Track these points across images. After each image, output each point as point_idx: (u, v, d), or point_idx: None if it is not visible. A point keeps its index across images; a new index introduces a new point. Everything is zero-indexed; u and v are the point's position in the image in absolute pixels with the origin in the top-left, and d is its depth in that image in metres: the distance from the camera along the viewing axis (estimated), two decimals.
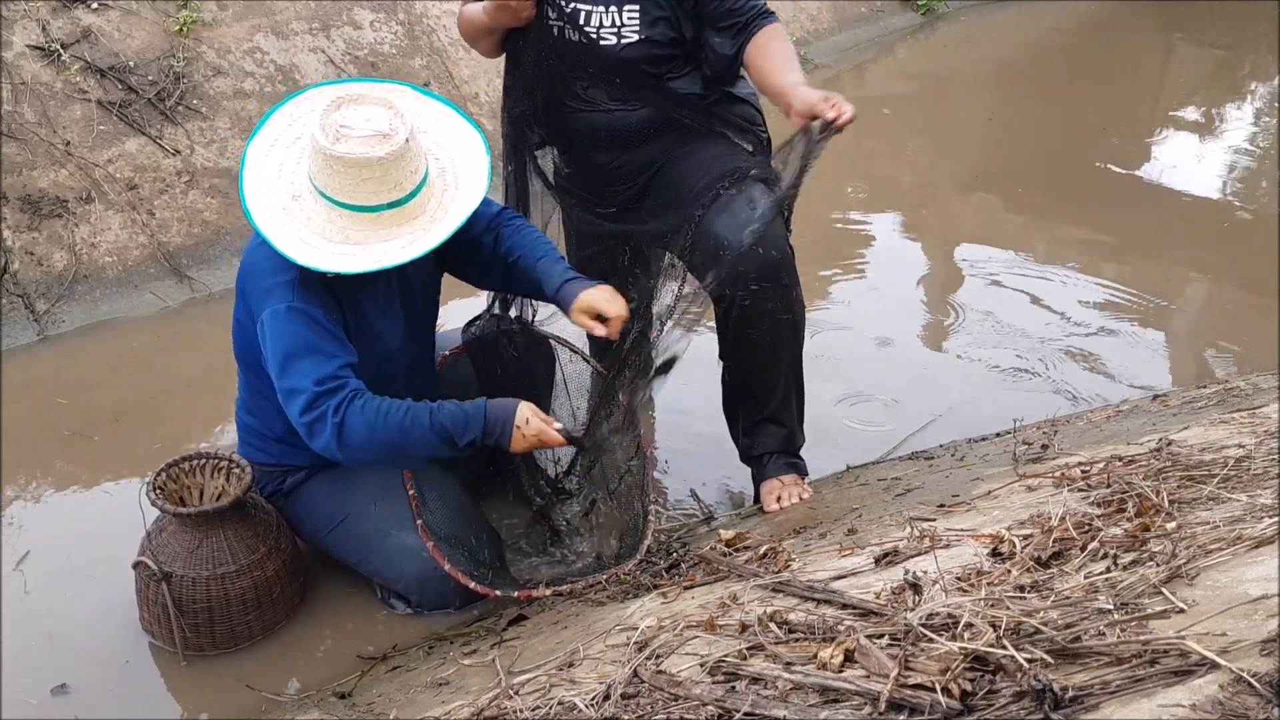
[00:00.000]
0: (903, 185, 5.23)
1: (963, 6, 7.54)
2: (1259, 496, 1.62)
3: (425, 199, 2.20)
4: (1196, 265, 4.41)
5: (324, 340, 2.19)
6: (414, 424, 2.19)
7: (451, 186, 2.25)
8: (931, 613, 1.35)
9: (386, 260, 2.14)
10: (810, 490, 2.64)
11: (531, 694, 1.64)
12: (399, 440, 2.18)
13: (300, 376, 2.16)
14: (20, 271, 3.64)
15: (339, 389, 2.17)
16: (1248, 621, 1.19)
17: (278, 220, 2.16)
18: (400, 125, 2.13)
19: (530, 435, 2.27)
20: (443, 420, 2.21)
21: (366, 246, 2.15)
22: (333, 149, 2.09)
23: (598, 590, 2.25)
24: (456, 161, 2.28)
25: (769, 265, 2.43)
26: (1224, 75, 7.15)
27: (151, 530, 2.40)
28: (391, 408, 2.19)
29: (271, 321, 2.19)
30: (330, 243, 2.14)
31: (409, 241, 2.17)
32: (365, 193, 2.12)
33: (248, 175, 2.20)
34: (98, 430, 3.18)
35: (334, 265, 2.13)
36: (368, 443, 2.16)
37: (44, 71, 4.01)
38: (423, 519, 2.34)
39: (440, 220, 2.20)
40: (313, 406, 2.15)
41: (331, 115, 2.12)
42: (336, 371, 2.18)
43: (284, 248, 2.12)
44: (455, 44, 5.14)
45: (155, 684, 2.35)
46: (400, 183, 2.14)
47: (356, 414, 2.15)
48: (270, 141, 2.25)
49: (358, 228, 2.15)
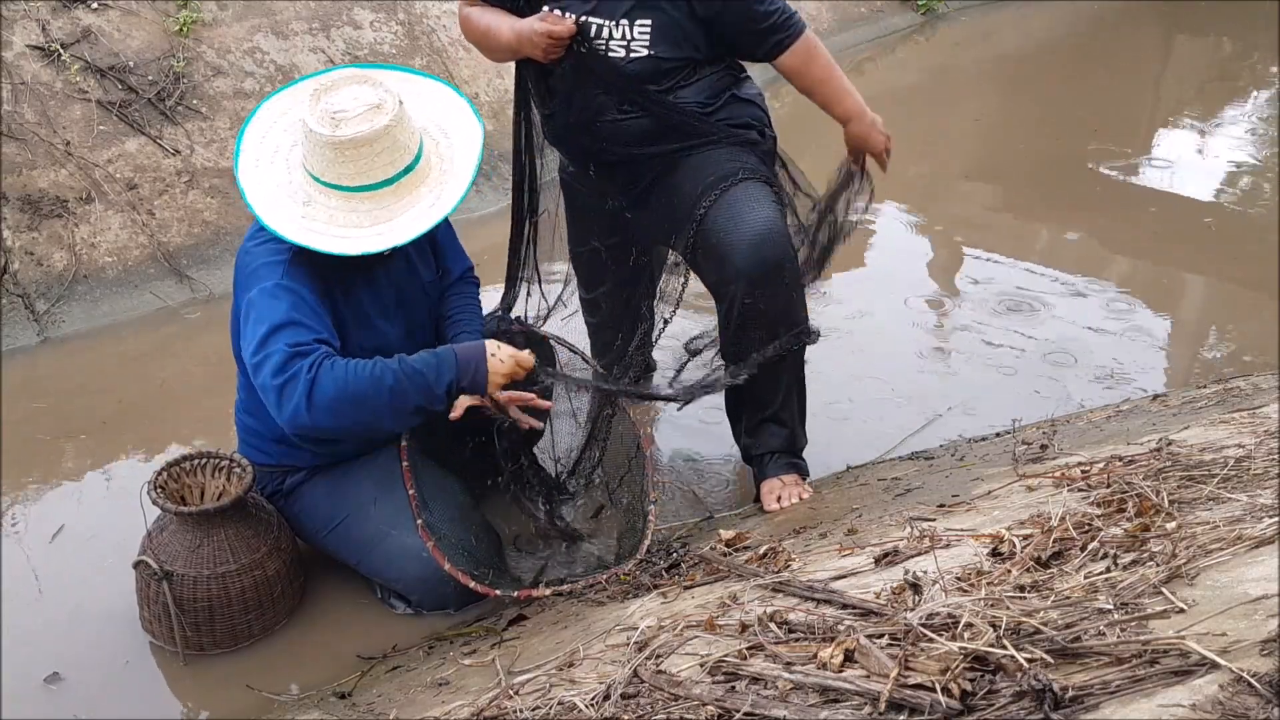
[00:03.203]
0: (901, 185, 5.22)
1: (963, 6, 7.54)
2: (1259, 496, 1.62)
3: (428, 158, 2.23)
4: (1197, 265, 4.42)
5: (305, 316, 2.17)
6: (384, 371, 2.15)
7: (442, 139, 2.27)
8: (931, 613, 1.35)
9: (425, 222, 2.17)
10: (810, 490, 2.64)
11: (531, 694, 1.64)
12: (370, 391, 2.13)
13: (274, 344, 2.13)
14: (20, 271, 3.64)
15: (311, 350, 2.13)
16: (1248, 621, 1.19)
17: (304, 229, 2.15)
18: (386, 94, 2.16)
19: (505, 359, 2.27)
20: (413, 364, 2.19)
21: (398, 219, 2.17)
22: (337, 135, 2.10)
23: (598, 590, 2.25)
24: (433, 116, 2.30)
25: (771, 264, 2.43)
26: (1224, 75, 7.15)
27: (152, 529, 2.40)
28: (361, 363, 2.15)
29: (258, 296, 2.17)
30: (363, 229, 2.16)
31: (433, 200, 2.20)
32: (380, 166, 2.14)
33: (252, 200, 2.20)
34: (98, 430, 3.18)
35: (379, 244, 2.15)
36: (338, 397, 2.10)
37: (44, 71, 4.01)
38: (423, 519, 2.34)
39: (450, 172, 2.23)
40: (284, 368, 2.10)
41: (318, 106, 2.14)
42: (310, 341, 2.15)
43: (327, 248, 2.13)
44: (455, 44, 5.14)
45: (155, 683, 2.35)
46: (408, 145, 2.18)
47: (327, 373, 2.11)
48: (253, 163, 2.25)
49: (381, 205, 2.17)
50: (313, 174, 2.16)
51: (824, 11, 6.86)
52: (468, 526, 2.50)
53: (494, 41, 2.57)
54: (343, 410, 2.12)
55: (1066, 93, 6.40)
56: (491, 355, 2.26)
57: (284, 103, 2.30)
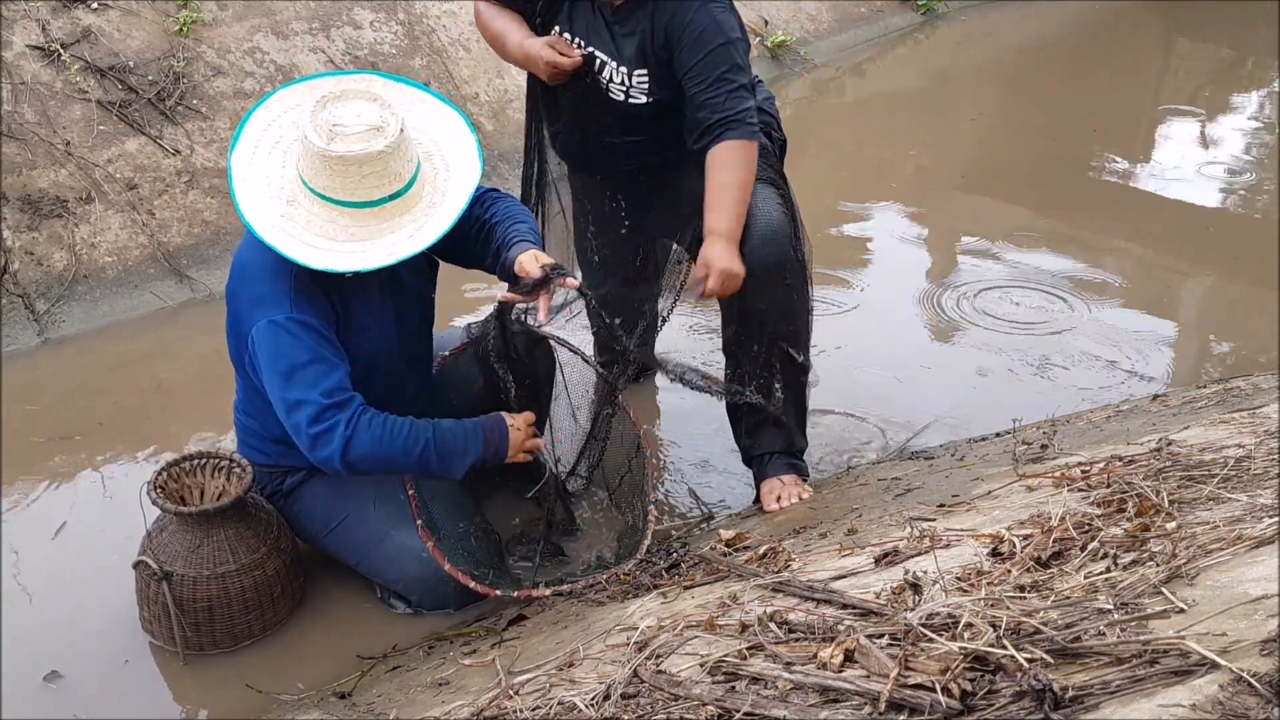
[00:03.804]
0: (900, 185, 5.23)
1: (963, 6, 7.54)
2: (1259, 496, 1.62)
3: (421, 186, 2.20)
4: (1197, 265, 4.42)
5: (324, 348, 2.19)
6: (417, 438, 2.24)
7: (443, 169, 2.25)
8: (931, 613, 1.35)
9: (399, 253, 2.15)
10: (810, 490, 2.64)
11: (531, 694, 1.64)
12: (400, 455, 2.23)
13: (305, 388, 2.16)
14: (20, 271, 3.64)
15: (346, 403, 2.19)
16: (1248, 621, 1.19)
17: (278, 227, 2.15)
18: (391, 117, 2.14)
19: (521, 427, 2.39)
20: (445, 436, 2.29)
21: (373, 242, 2.15)
22: (330, 149, 2.08)
23: (598, 590, 2.25)
24: (440, 143, 2.28)
25: (775, 265, 2.43)
26: (1224, 75, 7.15)
27: (152, 530, 2.40)
28: (395, 424, 2.22)
29: (270, 332, 2.18)
30: (336, 242, 2.14)
31: (414, 230, 2.17)
32: (367, 188, 2.12)
33: (238, 186, 2.19)
34: (97, 430, 3.17)
35: (347, 265, 2.12)
36: (370, 456, 2.20)
37: (44, 71, 4.01)
38: (422, 519, 2.34)
39: (439, 205, 2.21)
40: (321, 419, 2.16)
41: (320, 115, 2.11)
42: (341, 382, 2.19)
43: (291, 253, 2.12)
44: (455, 44, 5.14)
45: (155, 683, 2.35)
46: (399, 174, 2.15)
47: (364, 429, 2.18)
48: (251, 148, 2.23)
49: (360, 224, 2.14)
50: (302, 176, 2.15)
51: (824, 11, 6.86)
52: (468, 527, 2.51)
53: (502, 49, 2.61)
54: (371, 464, 2.23)
55: (1066, 93, 6.39)
56: (512, 428, 2.38)
57: (298, 96, 2.26)
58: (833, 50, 6.67)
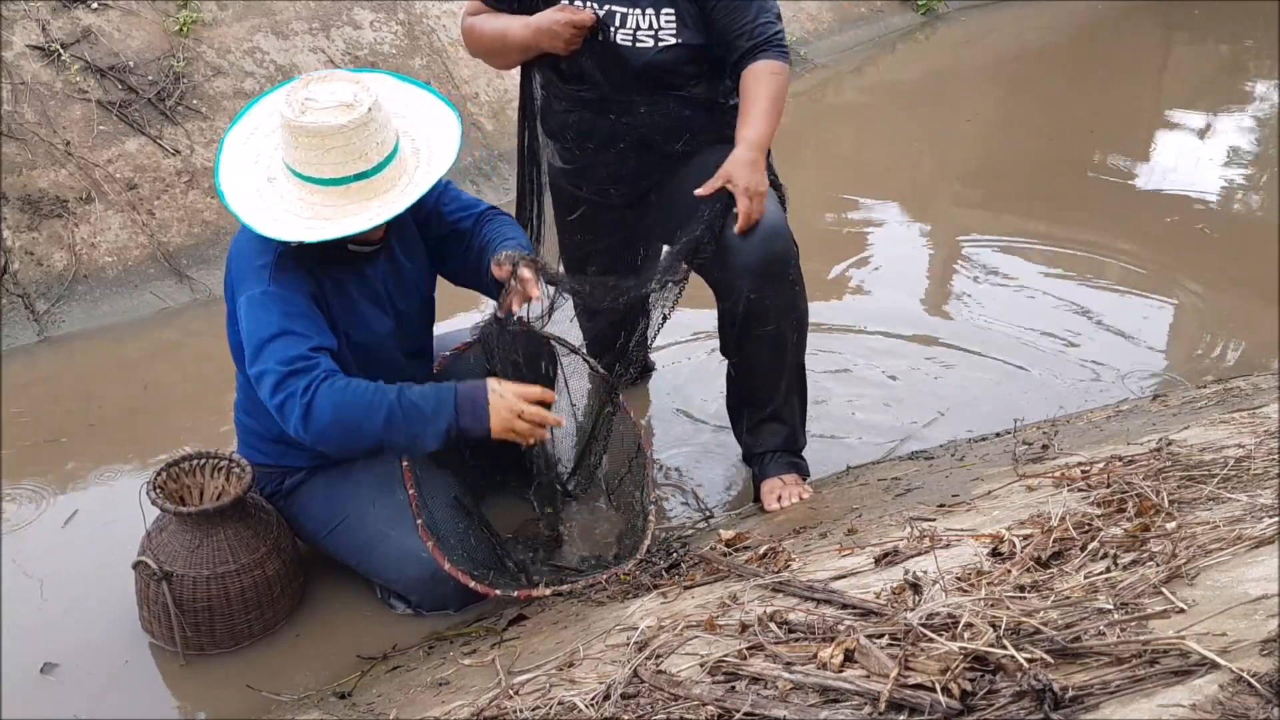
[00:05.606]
0: (900, 185, 5.23)
1: (963, 6, 7.55)
2: (1259, 496, 1.62)
3: (395, 174, 2.20)
4: (1196, 265, 4.41)
5: (295, 322, 2.18)
6: (380, 400, 2.15)
7: (424, 164, 2.26)
8: (931, 613, 1.35)
9: (349, 228, 2.15)
10: (810, 490, 2.64)
11: (531, 694, 1.64)
12: (364, 419, 2.13)
13: (269, 359, 2.15)
14: (20, 271, 3.64)
15: (307, 369, 2.14)
16: (1248, 621, 1.19)
17: (249, 200, 2.19)
18: (364, 96, 2.14)
19: (508, 395, 2.21)
20: (411, 398, 2.18)
21: (334, 221, 2.16)
22: (298, 120, 2.11)
23: (598, 590, 2.25)
24: (431, 140, 2.29)
25: (778, 261, 2.43)
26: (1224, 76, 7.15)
27: (152, 530, 2.40)
28: (359, 386, 2.16)
29: (246, 306, 2.20)
30: (300, 218, 2.16)
31: (376, 213, 2.18)
32: (330, 164, 2.13)
33: (224, 161, 2.25)
34: (98, 430, 3.18)
35: (301, 235, 2.14)
36: (334, 421, 2.12)
37: (44, 71, 4.01)
38: (422, 519, 2.34)
39: (408, 193, 2.21)
40: (280, 387, 2.13)
41: (299, 91, 2.15)
42: (305, 352, 2.16)
43: (254, 223, 2.15)
44: (455, 44, 5.14)
45: (155, 683, 2.35)
46: (365, 153, 2.15)
47: (324, 394, 2.12)
48: (250, 130, 2.29)
49: (328, 203, 2.16)
50: (284, 155, 2.19)
51: (824, 11, 6.86)
52: (468, 527, 2.50)
53: (507, 41, 2.58)
54: (338, 435, 2.15)
55: (1066, 93, 6.40)
56: (493, 392, 2.21)
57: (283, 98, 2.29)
58: (832, 50, 6.68)
